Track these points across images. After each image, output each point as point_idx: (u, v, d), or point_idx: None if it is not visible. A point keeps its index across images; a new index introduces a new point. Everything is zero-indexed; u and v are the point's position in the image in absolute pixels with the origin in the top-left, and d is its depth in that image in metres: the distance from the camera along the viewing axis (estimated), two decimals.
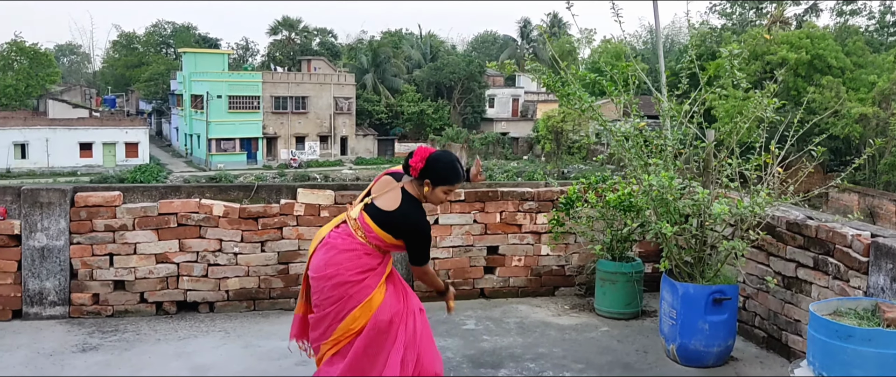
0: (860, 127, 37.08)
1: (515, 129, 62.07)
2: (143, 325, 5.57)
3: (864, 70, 43.53)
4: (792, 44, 42.75)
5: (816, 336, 3.70)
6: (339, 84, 60.00)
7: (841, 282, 4.57)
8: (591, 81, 5.17)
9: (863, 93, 40.92)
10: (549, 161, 48.82)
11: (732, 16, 57.90)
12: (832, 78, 40.54)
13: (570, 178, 6.21)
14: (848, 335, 3.53)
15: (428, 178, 3.80)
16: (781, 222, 5.13)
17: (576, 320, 5.91)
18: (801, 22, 53.31)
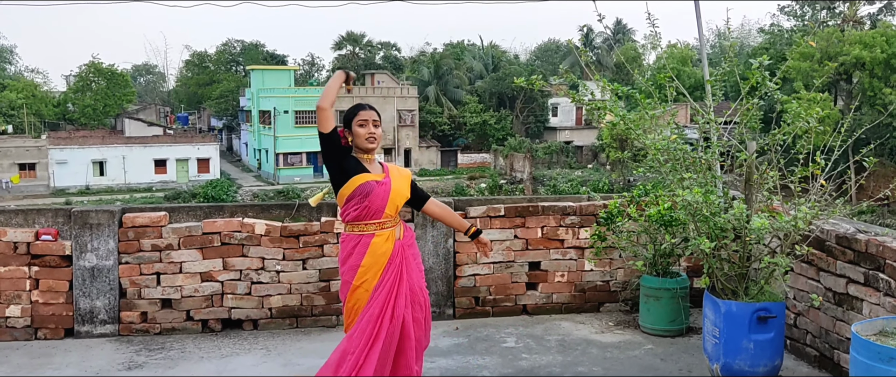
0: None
1: (579, 138, 61.45)
2: (189, 343, 5.68)
3: None
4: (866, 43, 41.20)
5: (858, 358, 3.51)
6: (402, 97, 60.53)
7: (892, 298, 4.34)
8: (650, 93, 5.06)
9: None
10: (615, 169, 48.12)
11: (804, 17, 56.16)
12: None
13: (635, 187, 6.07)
14: (890, 358, 3.35)
15: (342, 128, 4.06)
16: (831, 236, 4.91)
17: (620, 337, 5.77)
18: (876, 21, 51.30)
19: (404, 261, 4.12)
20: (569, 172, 52.07)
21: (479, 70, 68.17)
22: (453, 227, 4.60)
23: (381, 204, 4.02)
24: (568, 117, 64.38)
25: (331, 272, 6.06)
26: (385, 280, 4.02)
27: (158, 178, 55.17)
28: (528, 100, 62.67)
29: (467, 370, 5.11)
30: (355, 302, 4.03)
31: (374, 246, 4.01)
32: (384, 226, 4.06)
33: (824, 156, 4.68)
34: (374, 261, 4.00)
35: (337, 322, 6.09)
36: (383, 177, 4.09)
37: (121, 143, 55.86)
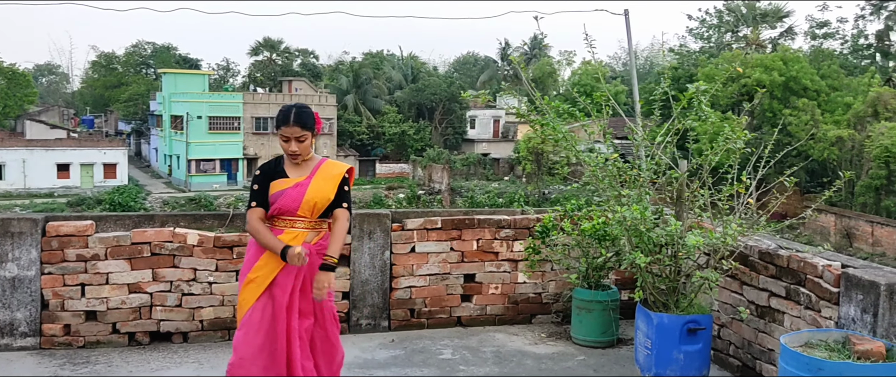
0: (836, 149, 37.55)
1: (496, 150, 62.27)
2: (115, 357, 5.49)
3: (839, 93, 44.15)
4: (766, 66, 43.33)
5: (787, 368, 3.72)
6: (320, 105, 59.83)
7: (813, 311, 4.61)
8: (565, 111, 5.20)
9: (838, 115, 41.49)
10: (530, 182, 48.95)
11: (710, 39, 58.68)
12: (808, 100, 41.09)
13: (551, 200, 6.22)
14: (818, 368, 3.56)
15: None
16: (754, 251, 5.17)
17: (552, 349, 5.90)
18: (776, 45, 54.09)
19: (309, 269, 4.02)
20: (486, 184, 52.67)
21: (398, 80, 68.25)
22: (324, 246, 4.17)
23: (292, 205, 4.00)
24: (485, 129, 65.19)
25: None
26: (282, 282, 3.95)
27: (61, 183, 52.76)
28: (447, 111, 63.13)
29: None
30: (247, 294, 3.95)
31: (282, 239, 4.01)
32: (295, 225, 4.03)
33: (749, 176, 4.94)
34: (272, 257, 3.94)
35: None
36: (304, 178, 4.07)
37: (21, 146, 53.17)
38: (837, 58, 50.46)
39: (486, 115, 65.81)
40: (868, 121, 38.71)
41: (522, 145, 49.72)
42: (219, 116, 55.99)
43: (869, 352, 3.63)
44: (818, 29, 56.31)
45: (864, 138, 37.13)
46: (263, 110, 57.67)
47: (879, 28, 53.74)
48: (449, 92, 62.79)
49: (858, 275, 4.25)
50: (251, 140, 57.23)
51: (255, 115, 57.27)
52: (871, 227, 33.97)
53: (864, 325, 4.15)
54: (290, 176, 4.07)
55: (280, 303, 3.93)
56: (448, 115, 63.41)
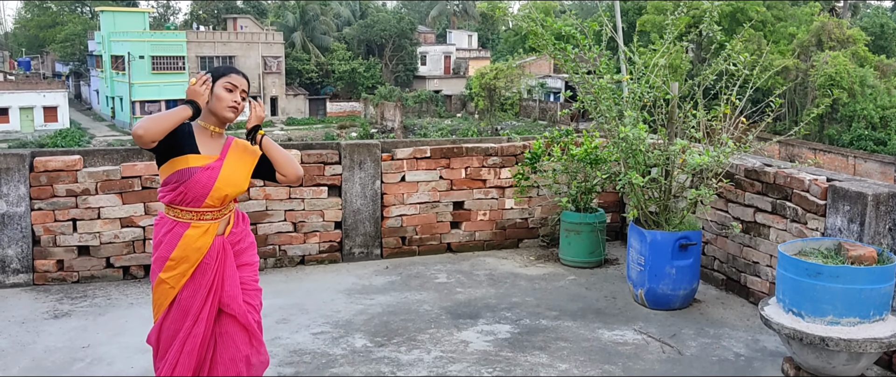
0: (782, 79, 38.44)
1: (448, 87, 62.01)
2: (112, 290, 5.48)
3: (783, 23, 44.96)
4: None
5: (786, 274, 3.93)
6: (267, 43, 58.60)
7: (799, 224, 4.84)
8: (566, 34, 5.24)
9: (783, 45, 42.35)
10: (483, 118, 49.07)
11: None
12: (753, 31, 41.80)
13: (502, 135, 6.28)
14: (817, 272, 3.78)
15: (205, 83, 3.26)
16: (740, 170, 5.37)
17: (543, 270, 6.08)
18: None
19: (222, 265, 3.34)
20: (439, 121, 52.59)
21: (346, 16, 66.98)
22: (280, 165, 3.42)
23: (201, 192, 3.23)
24: (437, 66, 64.73)
25: (258, 215, 5.98)
26: (197, 285, 3.30)
27: (0, 128, 50.97)
28: (397, 48, 62.39)
29: (408, 305, 5.25)
30: (160, 296, 3.33)
31: (187, 238, 3.26)
32: (203, 217, 3.28)
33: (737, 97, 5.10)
34: (184, 257, 3.26)
35: (264, 265, 6.04)
36: (215, 160, 3.28)
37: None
38: None
39: (436, 52, 65.26)
40: (812, 50, 39.67)
41: (474, 81, 49.63)
42: (162, 56, 54.40)
43: (862, 257, 3.85)
44: None
45: (809, 68, 38.09)
46: (209, 49, 56.22)
47: None
48: (399, 28, 61.97)
49: (845, 187, 4.48)
50: None
51: (199, 54, 55.79)
52: (813, 154, 35.03)
53: (851, 234, 4.39)
54: (201, 151, 3.26)
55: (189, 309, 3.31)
56: (398, 52, 62.72)
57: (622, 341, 4.64)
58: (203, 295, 3.30)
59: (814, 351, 3.80)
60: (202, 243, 3.28)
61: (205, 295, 3.30)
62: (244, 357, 3.36)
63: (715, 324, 4.94)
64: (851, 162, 33.44)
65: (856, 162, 33.55)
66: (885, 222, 4.28)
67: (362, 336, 4.68)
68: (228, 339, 3.35)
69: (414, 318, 4.99)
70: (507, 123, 47.96)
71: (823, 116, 37.30)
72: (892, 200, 4.26)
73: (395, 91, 55.77)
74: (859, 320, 3.73)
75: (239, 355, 3.35)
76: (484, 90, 47.99)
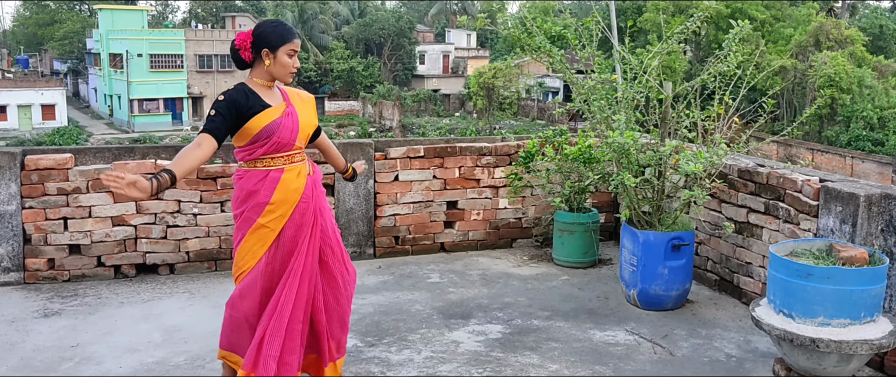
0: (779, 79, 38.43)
1: (447, 86, 62.00)
2: (103, 289, 5.47)
3: (782, 23, 44.96)
4: None
5: (777, 275, 3.92)
6: None
7: (791, 225, 4.83)
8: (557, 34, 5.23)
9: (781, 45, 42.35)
10: (481, 117, 49.03)
11: None
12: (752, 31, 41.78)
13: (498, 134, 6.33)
14: (808, 274, 3.76)
15: (265, 48, 3.46)
16: (733, 170, 5.36)
17: (536, 270, 6.07)
18: None
19: (318, 201, 3.64)
20: (437, 120, 52.54)
21: (345, 15, 66.97)
22: (334, 164, 4.10)
23: (290, 137, 3.49)
24: (435, 65, 64.70)
25: None
26: (298, 224, 3.54)
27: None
28: (396, 47, 62.36)
29: (400, 305, 5.23)
30: (257, 241, 3.49)
31: (285, 181, 3.49)
32: (293, 160, 3.54)
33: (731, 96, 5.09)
34: (284, 199, 3.48)
35: None
36: (286, 106, 3.53)
37: None
38: None
39: (435, 51, 65.24)
40: (810, 51, 39.66)
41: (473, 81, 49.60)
42: (160, 54, 54.36)
43: (853, 258, 3.84)
44: None
45: (807, 68, 38.08)
46: (207, 47, 56.16)
47: None
48: (397, 27, 61.93)
49: (838, 187, 4.46)
50: (195, 78, 55.83)
51: (198, 53, 55.76)
52: (811, 155, 35.09)
53: (843, 235, 4.38)
54: (271, 104, 3.48)
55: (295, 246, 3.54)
56: (397, 51, 62.69)
57: (614, 342, 4.63)
58: (307, 232, 3.55)
59: (804, 352, 3.79)
60: (298, 184, 3.53)
61: (308, 231, 3.56)
62: (342, 277, 3.73)
63: (707, 324, 4.93)
64: (849, 162, 33.45)
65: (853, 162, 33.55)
66: (878, 223, 4.26)
67: (353, 335, 4.65)
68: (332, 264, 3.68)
69: (405, 318, 4.97)
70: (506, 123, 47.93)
71: (822, 117, 37.31)
72: (884, 201, 4.25)
73: (393, 90, 55.74)
74: (850, 322, 3.72)
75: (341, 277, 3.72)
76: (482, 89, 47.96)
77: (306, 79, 60.71)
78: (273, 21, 3.55)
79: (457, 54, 65.10)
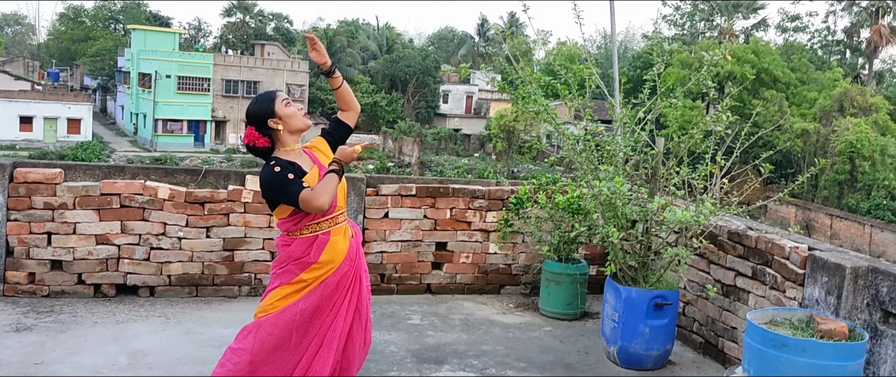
0: (801, 141, 38.17)
1: (468, 126, 62.21)
2: (80, 307, 5.43)
3: (806, 86, 44.79)
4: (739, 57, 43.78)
5: (752, 344, 3.80)
6: (292, 71, 59.30)
7: (777, 292, 4.71)
8: (545, 84, 5.20)
9: (804, 108, 42.14)
10: (500, 160, 49.06)
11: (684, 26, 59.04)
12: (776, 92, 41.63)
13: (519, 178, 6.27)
14: (783, 344, 3.64)
15: (267, 120, 3.45)
16: (723, 231, 5.26)
17: (520, 319, 5.96)
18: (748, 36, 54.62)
19: (360, 263, 3.66)
20: (456, 159, 52.67)
21: (372, 50, 67.71)
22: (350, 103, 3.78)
23: (333, 200, 3.42)
24: (458, 105, 65.03)
25: (236, 241, 5.92)
26: (340, 280, 3.53)
27: (23, 136, 51.62)
28: (421, 84, 62.85)
29: (374, 345, 5.12)
30: (294, 292, 3.46)
31: (333, 243, 3.48)
32: (338, 221, 3.53)
33: (723, 158, 5.01)
34: (330, 260, 3.48)
35: (239, 293, 5.97)
36: (318, 170, 3.49)
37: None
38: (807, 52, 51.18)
39: (459, 91, 65.63)
40: (834, 115, 39.41)
41: (494, 122, 49.77)
42: (188, 77, 55.15)
43: (832, 332, 3.72)
44: (789, 22, 57.02)
45: (830, 132, 37.80)
46: (234, 73, 56.92)
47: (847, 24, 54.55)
48: (423, 65, 62.49)
49: (825, 257, 4.35)
50: (220, 102, 56.50)
51: (225, 78, 56.51)
52: (830, 220, 34.70)
53: (828, 306, 4.25)
54: (306, 170, 3.45)
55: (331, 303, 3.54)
56: (421, 89, 63.15)
57: None
58: (345, 293, 3.56)
59: None
60: (344, 246, 3.53)
61: (346, 292, 3.56)
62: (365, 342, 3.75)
63: None
64: (868, 230, 32.97)
65: (873, 231, 33.06)
66: (863, 297, 4.14)
67: None
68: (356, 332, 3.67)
69: (377, 359, 4.88)
70: (525, 166, 47.90)
71: (842, 183, 36.91)
72: (870, 275, 4.13)
73: (414, 126, 55.98)
74: None
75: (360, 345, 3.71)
76: (503, 132, 48.08)
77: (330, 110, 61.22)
78: (252, 100, 3.54)
79: (480, 96, 65.44)
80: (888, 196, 35.85)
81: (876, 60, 53.82)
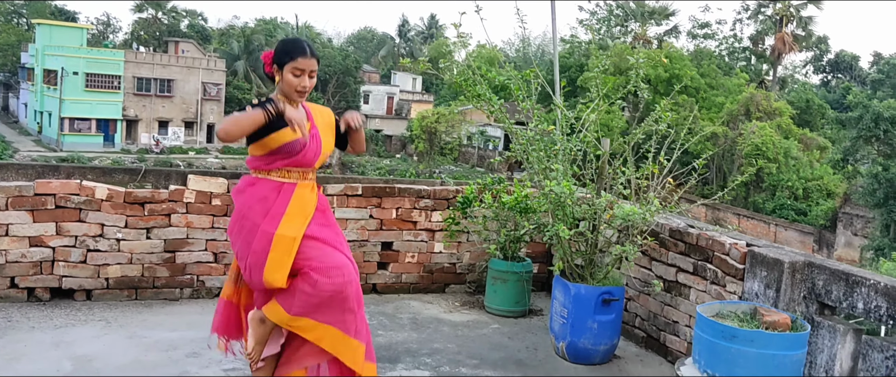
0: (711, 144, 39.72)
1: (389, 127, 62.11)
2: (14, 312, 5.19)
3: (715, 91, 46.68)
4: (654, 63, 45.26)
5: (703, 336, 3.97)
6: (208, 69, 57.85)
7: (718, 286, 4.92)
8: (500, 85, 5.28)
9: (713, 112, 43.90)
10: (422, 161, 49.20)
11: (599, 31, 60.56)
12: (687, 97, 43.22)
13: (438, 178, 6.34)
14: (733, 336, 3.82)
15: (275, 64, 3.49)
16: (665, 229, 5.46)
17: (467, 317, 6.03)
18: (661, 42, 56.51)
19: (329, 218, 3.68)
20: (378, 160, 52.52)
21: None
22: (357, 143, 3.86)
23: (313, 157, 3.53)
24: (379, 106, 64.84)
25: (177, 242, 5.78)
26: (321, 226, 3.56)
27: None
28: (341, 85, 62.33)
29: None
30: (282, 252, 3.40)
31: (299, 195, 3.51)
32: (307, 177, 3.58)
33: (667, 157, 5.21)
34: (300, 210, 3.48)
35: (180, 295, 5.83)
36: (311, 127, 3.55)
37: None
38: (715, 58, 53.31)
39: (380, 91, 65.46)
40: (741, 119, 41.20)
41: (416, 124, 49.88)
42: (97, 74, 53.08)
43: (776, 323, 3.92)
44: (699, 29, 59.27)
45: (737, 136, 39.48)
46: (147, 70, 55.13)
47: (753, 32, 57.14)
48: (344, 65, 62.00)
49: (763, 253, 4.58)
50: (132, 101, 54.62)
51: (137, 75, 54.66)
52: (738, 220, 36.19)
53: (768, 299, 4.48)
54: None
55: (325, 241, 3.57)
56: (342, 89, 62.63)
57: None
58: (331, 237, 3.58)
59: None
60: (312, 198, 3.57)
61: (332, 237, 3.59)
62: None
63: None
64: (773, 229, 34.61)
65: (777, 229, 34.74)
66: (800, 290, 4.38)
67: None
68: None
69: None
70: (446, 167, 48.17)
71: (748, 184, 38.59)
72: (807, 269, 4.37)
73: None
74: None
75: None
76: (424, 133, 48.26)
77: None
78: (289, 39, 3.57)
79: (401, 97, 65.45)
80: (791, 196, 37.71)
81: (779, 67, 56.53)
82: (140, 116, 55.00)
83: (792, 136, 40.37)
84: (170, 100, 56.13)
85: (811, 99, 50.09)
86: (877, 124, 32.04)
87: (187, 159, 50.14)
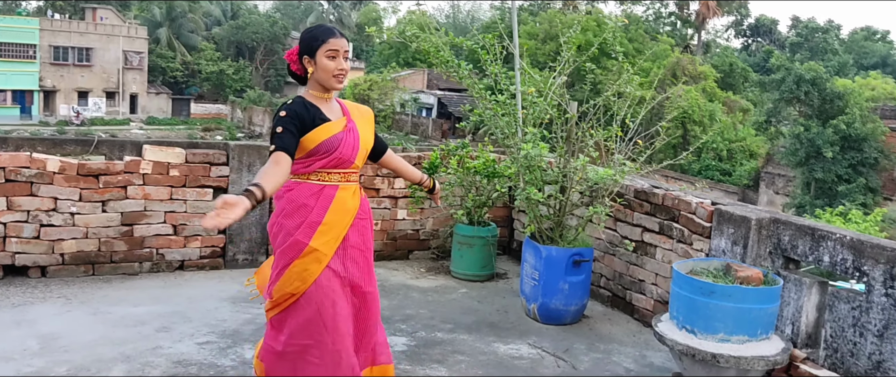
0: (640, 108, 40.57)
1: None
2: None
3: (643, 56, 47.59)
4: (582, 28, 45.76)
5: (680, 292, 4.07)
6: (129, 37, 55.77)
7: (685, 245, 5.06)
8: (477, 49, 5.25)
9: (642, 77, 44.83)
10: None
11: None
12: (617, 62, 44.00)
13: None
14: (711, 291, 3.94)
15: (305, 55, 3.26)
16: (630, 191, 5.56)
17: (434, 283, 6.04)
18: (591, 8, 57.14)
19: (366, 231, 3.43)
20: None
21: (216, 16, 64.91)
22: (410, 180, 3.88)
23: (351, 154, 3.27)
24: None
25: (135, 215, 5.59)
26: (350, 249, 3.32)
27: None
28: (269, 52, 61.04)
29: None
30: (306, 267, 3.19)
31: (340, 199, 3.25)
32: (349, 179, 3.31)
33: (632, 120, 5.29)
34: (338, 220, 3.24)
35: (140, 269, 5.66)
36: (347, 121, 3.31)
37: None
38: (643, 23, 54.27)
39: None
40: (667, 83, 42.19)
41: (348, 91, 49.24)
42: (10, 43, 50.61)
43: (749, 278, 4.05)
44: None
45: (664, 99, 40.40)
46: (64, 39, 52.81)
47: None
48: (272, 32, 60.67)
49: (730, 210, 4.72)
50: (49, 71, 52.32)
51: (53, 44, 52.33)
52: (666, 181, 37.24)
53: (735, 256, 4.62)
54: (330, 118, 3.25)
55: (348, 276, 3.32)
56: (270, 57, 61.36)
57: (518, 355, 4.66)
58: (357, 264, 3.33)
59: (705, 367, 3.95)
60: (353, 204, 3.32)
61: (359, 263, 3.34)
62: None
63: (604, 339, 5.06)
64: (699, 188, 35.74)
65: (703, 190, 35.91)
66: (766, 246, 4.53)
67: (251, 346, 4.44)
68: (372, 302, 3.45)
69: None
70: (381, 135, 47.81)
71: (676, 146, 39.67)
72: (772, 225, 4.52)
73: (264, 96, 54.43)
74: (747, 338, 3.92)
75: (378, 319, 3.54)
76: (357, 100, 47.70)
77: (172, 79, 58.34)
78: (314, 26, 3.34)
79: None
80: (716, 157, 38.95)
81: (703, 31, 57.94)
82: (58, 87, 52.78)
83: (716, 98, 41.56)
84: (89, 69, 53.99)
85: (734, 62, 51.55)
86: (798, 86, 33.16)
87: (110, 130, 48.39)
